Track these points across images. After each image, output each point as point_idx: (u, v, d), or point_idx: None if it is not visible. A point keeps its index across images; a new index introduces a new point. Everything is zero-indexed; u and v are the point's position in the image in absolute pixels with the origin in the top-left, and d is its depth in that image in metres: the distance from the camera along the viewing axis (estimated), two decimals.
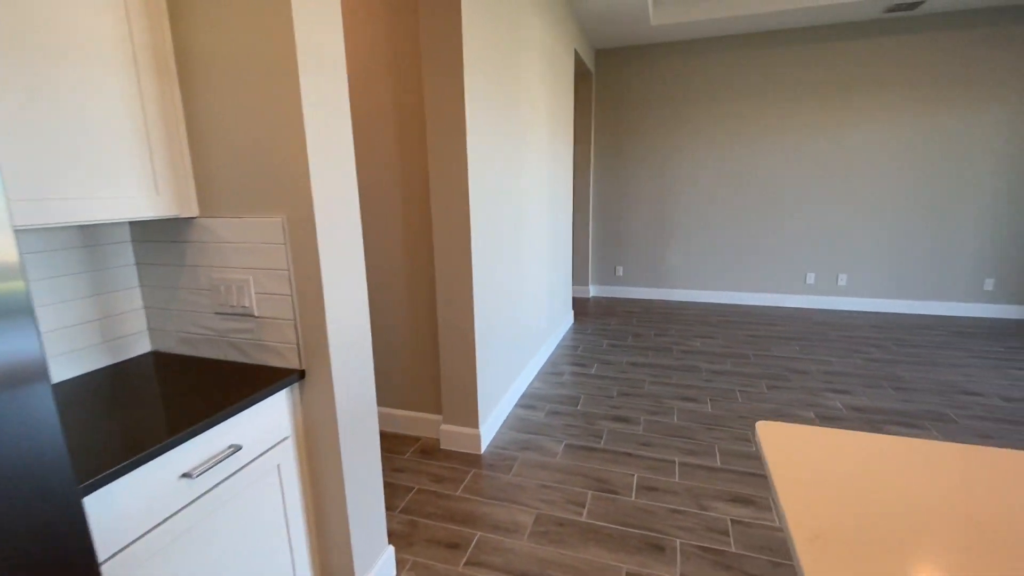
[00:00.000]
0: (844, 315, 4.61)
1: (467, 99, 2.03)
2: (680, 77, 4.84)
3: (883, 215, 4.57)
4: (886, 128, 4.43)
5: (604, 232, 5.40)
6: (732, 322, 4.45)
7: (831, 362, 3.45)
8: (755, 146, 4.77)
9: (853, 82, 4.42)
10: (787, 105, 4.61)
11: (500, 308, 2.56)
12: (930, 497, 0.83)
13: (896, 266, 4.63)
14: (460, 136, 2.05)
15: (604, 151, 5.22)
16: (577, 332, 4.22)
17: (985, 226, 4.37)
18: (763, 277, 5.00)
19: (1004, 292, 4.44)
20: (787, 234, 4.85)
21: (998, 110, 4.16)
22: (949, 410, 2.72)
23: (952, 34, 4.16)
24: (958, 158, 4.32)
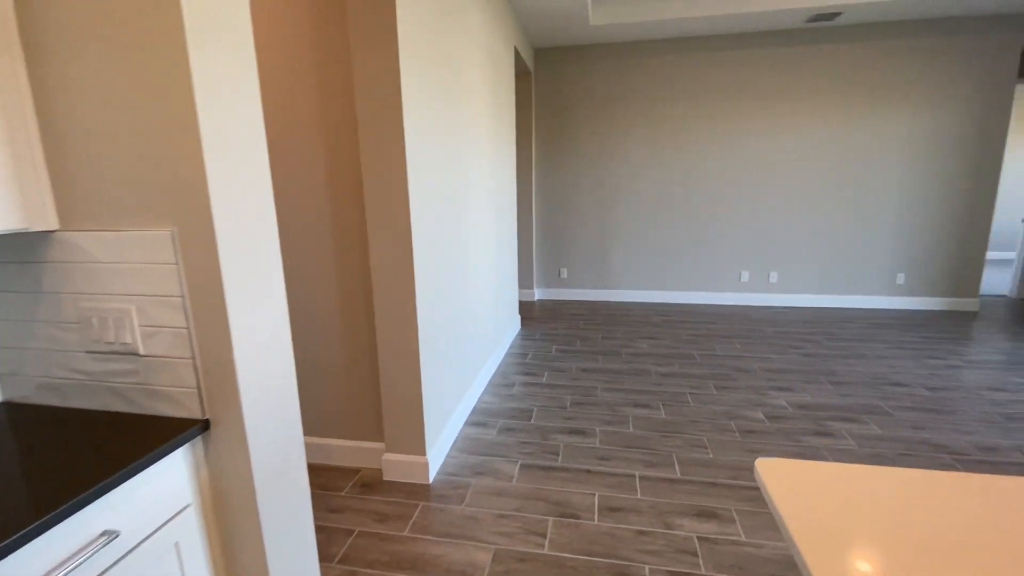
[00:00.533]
0: (777, 311, 4.81)
1: (404, 84, 1.82)
2: (619, 79, 4.85)
3: (809, 215, 4.81)
4: (810, 132, 4.66)
5: (548, 234, 5.31)
6: (675, 322, 4.50)
7: (771, 359, 3.54)
8: (692, 149, 4.86)
9: (780, 88, 4.61)
10: (720, 109, 4.73)
11: (446, 319, 2.36)
12: (952, 529, 0.74)
13: (821, 263, 4.89)
14: (396, 125, 1.84)
15: (546, 151, 5.14)
16: (525, 338, 4.08)
17: (896, 225, 4.70)
18: (701, 276, 5.12)
19: (913, 285, 4.80)
20: (723, 234, 4.99)
21: (907, 116, 4.49)
22: (882, 402, 2.84)
23: (867, 45, 4.43)
24: (872, 161, 4.63)
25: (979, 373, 3.23)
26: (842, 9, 3.99)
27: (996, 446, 2.36)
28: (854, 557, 0.71)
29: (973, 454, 2.30)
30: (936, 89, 4.40)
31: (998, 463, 2.22)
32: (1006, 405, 2.77)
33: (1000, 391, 2.96)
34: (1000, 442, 2.39)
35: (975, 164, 4.49)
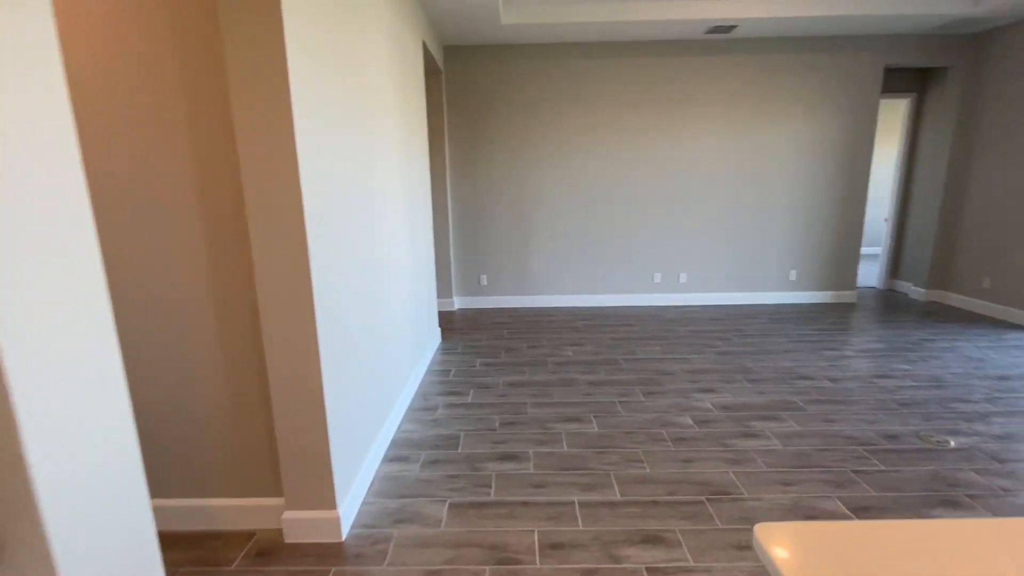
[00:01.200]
0: (688, 310, 4.98)
1: (291, 65, 1.50)
2: (533, 82, 4.75)
3: (712, 218, 5.05)
4: (711, 139, 4.89)
5: (466, 240, 5.09)
6: (596, 326, 4.48)
7: (690, 360, 3.60)
8: (605, 154, 4.90)
9: (685, 95, 4.78)
10: (629, 115, 4.81)
11: (355, 343, 2.05)
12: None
13: (724, 263, 5.15)
14: (283, 117, 1.52)
15: (460, 154, 4.91)
16: (446, 352, 3.82)
17: (787, 226, 5.08)
18: (619, 279, 5.18)
19: (804, 280, 5.22)
20: (637, 237, 5.08)
21: (794, 126, 4.86)
22: (795, 397, 2.96)
23: (760, 58, 4.73)
24: (765, 167, 4.96)
25: (868, 362, 3.51)
26: (737, 22, 4.20)
27: (897, 433, 2.52)
28: None
29: (880, 443, 2.43)
30: (817, 101, 4.81)
31: (902, 450, 2.36)
32: (896, 392, 3.01)
33: (888, 378, 3.23)
34: (899, 428, 2.56)
35: (849, 169, 4.97)
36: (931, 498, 2.00)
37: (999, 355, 3.60)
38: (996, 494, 2.02)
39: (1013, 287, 4.42)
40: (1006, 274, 4.49)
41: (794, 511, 1.94)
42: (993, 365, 3.41)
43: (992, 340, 3.93)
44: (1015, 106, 4.37)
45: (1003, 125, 4.48)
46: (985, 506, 1.95)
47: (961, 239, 4.93)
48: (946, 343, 3.88)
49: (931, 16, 4.12)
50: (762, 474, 2.18)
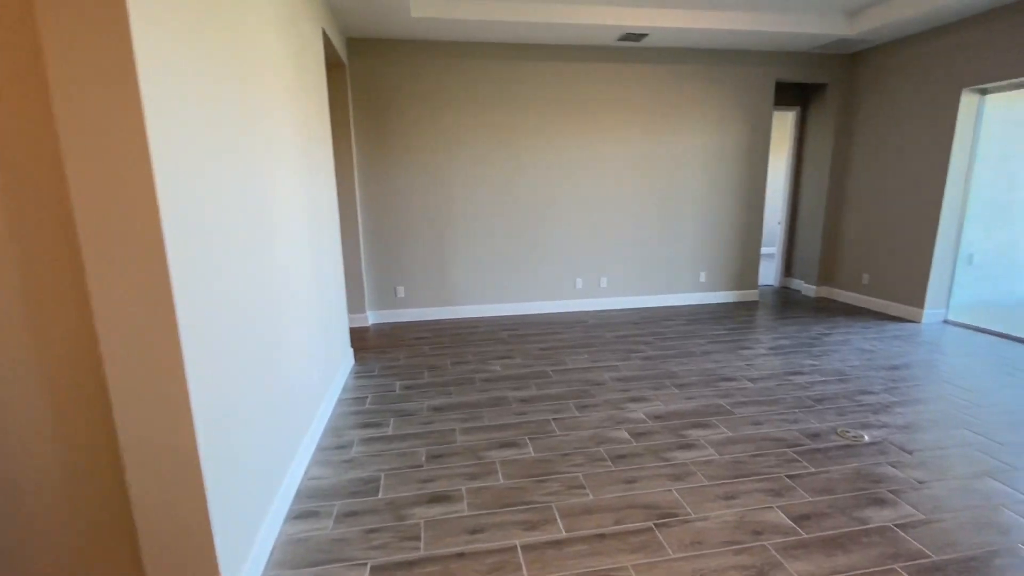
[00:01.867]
0: (610, 315, 4.99)
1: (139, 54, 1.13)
2: (449, 80, 4.50)
3: (629, 222, 5.12)
4: (627, 144, 4.95)
5: (379, 249, 4.69)
6: (523, 335, 4.31)
7: (618, 367, 3.55)
8: (523, 157, 4.77)
9: (600, 101, 4.79)
10: (547, 119, 4.73)
11: (246, 379, 1.67)
12: None
13: (641, 267, 5.25)
14: (129, 114, 1.14)
15: (370, 156, 4.52)
16: (361, 376, 3.44)
17: (697, 229, 5.29)
18: (541, 285, 5.07)
19: (712, 281, 5.46)
20: (559, 242, 5.01)
21: (700, 134, 5.06)
22: (721, 401, 2.98)
23: (668, 67, 4.87)
24: (676, 173, 5.12)
25: (779, 359, 3.68)
26: (647, 31, 4.27)
27: (817, 431, 2.60)
28: None
29: (805, 443, 2.48)
30: (720, 111, 5.06)
31: (825, 448, 2.42)
32: (809, 388, 3.15)
33: (799, 374, 3.39)
34: (819, 426, 2.65)
35: (748, 176, 5.28)
36: (861, 498, 2.04)
37: (885, 346, 3.95)
38: (914, 487, 2.11)
39: (888, 282, 4.93)
40: (882, 271, 4.99)
41: (741, 527, 1.87)
42: (882, 356, 3.72)
43: (876, 332, 4.32)
44: (883, 119, 4.88)
45: (874, 136, 4.99)
46: (907, 500, 2.01)
47: (843, 240, 5.44)
48: (840, 337, 4.19)
49: (814, 36, 4.47)
50: (704, 489, 2.11)
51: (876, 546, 1.77)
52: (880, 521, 1.89)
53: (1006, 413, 2.77)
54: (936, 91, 4.36)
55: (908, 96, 4.61)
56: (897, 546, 1.76)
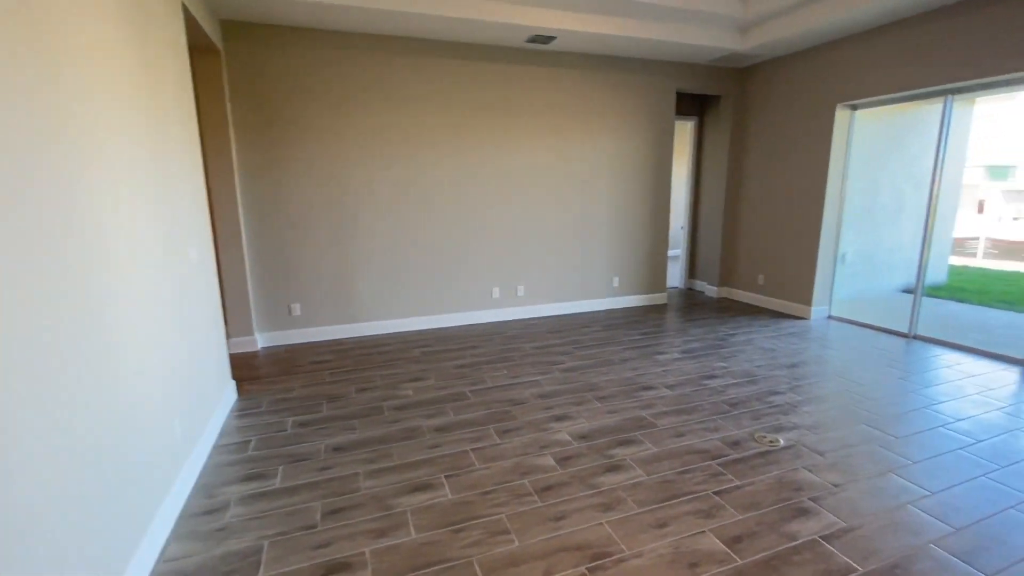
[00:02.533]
0: (528, 324, 4.84)
1: None
2: (352, 74, 4.07)
3: (543, 228, 5.01)
4: (540, 149, 4.83)
5: (268, 262, 4.13)
6: (437, 352, 4.00)
7: (540, 382, 3.37)
8: (434, 160, 4.46)
9: (511, 104, 4.62)
10: (461, 120, 4.47)
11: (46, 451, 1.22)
12: None
13: (556, 273, 5.16)
14: None
15: (255, 156, 3.96)
16: (245, 414, 2.93)
17: (609, 234, 5.32)
18: (457, 296, 4.79)
19: (625, 286, 5.53)
20: (474, 250, 4.77)
21: (610, 140, 5.09)
22: (643, 412, 2.91)
23: (580, 72, 4.82)
24: (588, 178, 5.10)
25: (692, 363, 3.72)
26: (555, 33, 4.17)
27: (737, 439, 2.59)
28: None
29: (727, 453, 2.45)
30: (628, 119, 5.12)
31: (746, 457, 2.40)
32: (723, 392, 3.19)
33: (712, 377, 3.43)
34: (737, 433, 2.65)
35: (655, 183, 5.41)
36: (785, 510, 2.01)
37: (783, 344, 4.17)
38: (831, 491, 2.12)
39: (780, 283, 5.28)
40: (774, 272, 5.34)
41: (677, 561, 1.73)
42: (783, 354, 3.91)
43: (774, 331, 4.57)
44: (771, 130, 5.23)
45: (764, 146, 5.34)
46: (827, 507, 2.02)
47: (740, 242, 5.76)
48: (744, 337, 4.38)
49: (711, 48, 4.66)
50: (636, 518, 1.96)
51: (808, 564, 1.72)
52: (807, 535, 1.86)
53: (893, 405, 2.97)
54: (815, 105, 4.73)
55: (792, 109, 4.97)
56: (827, 562, 1.72)
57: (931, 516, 1.95)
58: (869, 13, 3.82)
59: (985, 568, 1.68)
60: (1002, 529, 1.88)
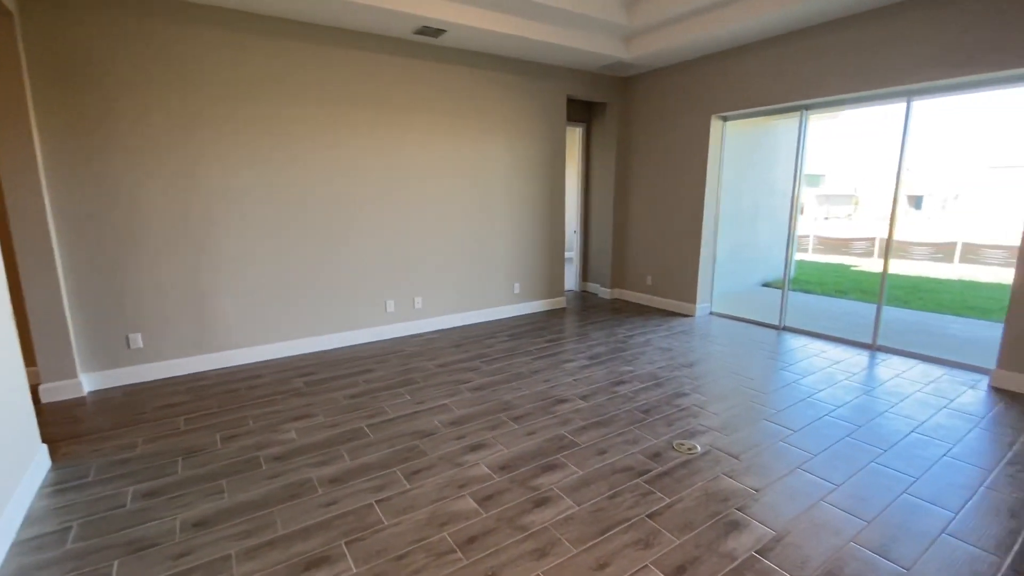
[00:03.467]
0: (428, 339, 4.48)
1: None
2: (200, 56, 3.37)
3: (442, 235, 4.68)
4: (434, 151, 4.50)
5: (93, 282, 3.27)
6: (325, 380, 3.48)
7: (448, 406, 3.06)
8: (313, 159, 3.90)
9: (399, 101, 4.23)
10: (341, 117, 3.97)
11: None
12: None
13: (457, 281, 4.87)
14: None
15: (70, 151, 3.09)
16: (61, 488, 2.21)
17: (509, 239, 5.16)
18: (344, 313, 4.26)
19: (525, 292, 5.42)
20: (363, 260, 4.28)
21: (506, 144, 4.92)
22: (562, 429, 2.74)
23: (475, 72, 4.57)
24: (486, 182, 4.88)
25: (601, 369, 3.68)
26: (445, 27, 3.89)
27: (658, 450, 2.53)
28: None
29: (651, 467, 2.37)
30: (522, 122, 5.00)
31: (670, 470, 2.34)
32: (635, 398, 3.16)
33: (622, 383, 3.40)
34: (657, 443, 2.59)
35: (550, 187, 5.37)
36: (718, 525, 1.95)
37: (678, 343, 4.34)
38: (753, 497, 2.12)
39: (667, 282, 5.55)
40: (661, 272, 5.60)
41: None
42: (680, 353, 4.04)
43: (667, 330, 4.75)
44: (654, 137, 5.47)
45: (648, 151, 5.57)
46: (755, 516, 2.00)
47: (629, 245, 5.97)
48: (642, 338, 4.48)
49: (599, 55, 4.72)
50: (574, 561, 1.76)
51: None
52: (744, 551, 1.80)
53: (782, 397, 3.16)
54: (692, 115, 5.02)
55: (672, 118, 5.23)
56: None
57: (843, 511, 2.03)
58: (738, 31, 4.11)
59: (902, 560, 1.75)
60: (904, 516, 2.00)
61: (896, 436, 2.65)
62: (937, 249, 11.69)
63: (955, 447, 2.53)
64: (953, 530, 1.90)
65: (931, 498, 2.11)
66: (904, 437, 2.63)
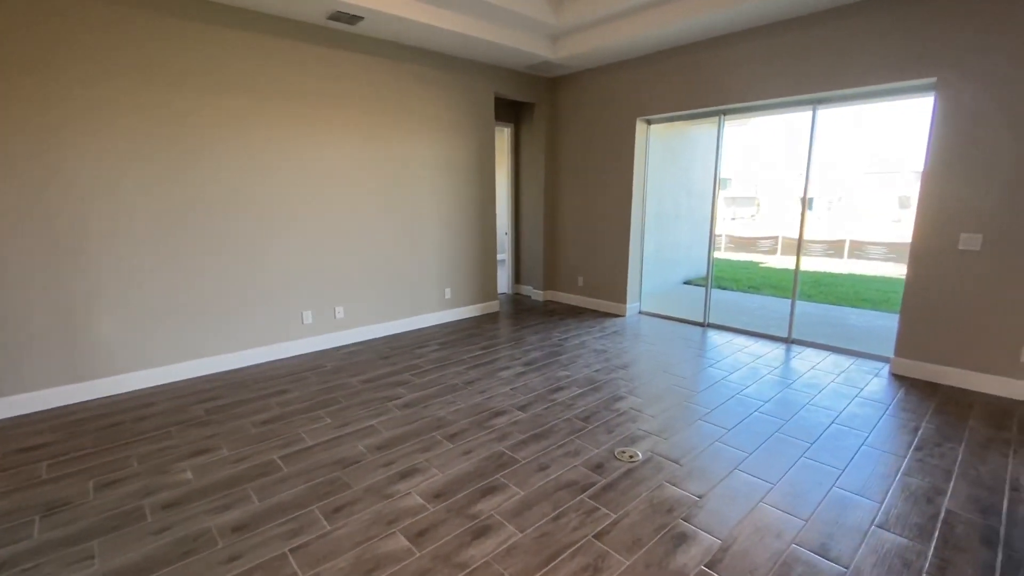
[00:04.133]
0: (352, 352, 4.15)
1: None
2: (72, 28, 2.82)
3: (365, 238, 4.36)
4: (353, 148, 4.16)
5: None
6: (230, 405, 3.07)
7: (375, 427, 2.79)
8: (216, 158, 3.44)
9: (315, 94, 3.86)
10: (247, 109, 3.54)
11: None
12: None
13: (384, 288, 4.56)
14: None
15: None
16: None
17: (439, 242, 4.92)
18: (254, 327, 3.82)
19: (457, 297, 5.21)
20: (275, 268, 3.86)
21: (435, 142, 4.68)
22: (500, 446, 2.58)
23: (398, 65, 4.28)
24: (413, 182, 4.61)
25: (537, 376, 3.57)
26: (362, 13, 3.60)
27: (599, 461, 2.44)
28: None
29: (594, 480, 2.27)
30: (450, 120, 4.78)
31: (613, 483, 2.25)
32: (573, 405, 3.07)
33: (560, 390, 3.31)
34: (598, 453, 2.50)
35: (480, 188, 5.20)
36: (665, 539, 1.87)
37: (611, 343, 4.33)
38: (697, 504, 2.08)
39: (598, 283, 5.58)
40: (592, 273, 5.62)
41: None
42: (614, 355, 4.03)
43: (600, 331, 4.75)
44: (582, 139, 5.48)
45: (576, 152, 5.57)
46: (700, 525, 1.95)
47: (560, 247, 5.95)
48: (576, 340, 4.44)
49: (525, 53, 4.62)
50: None
51: None
52: (694, 566, 1.73)
53: (714, 395, 3.21)
54: (619, 118, 5.07)
55: (599, 120, 5.26)
56: None
57: (782, 511, 2.03)
58: (658, 36, 4.17)
59: (841, 558, 1.76)
60: (836, 511, 2.04)
61: (819, 428, 2.75)
62: (830, 246, 12.92)
63: (870, 435, 2.67)
64: (881, 521, 1.96)
65: (858, 490, 2.18)
66: (826, 429, 2.74)
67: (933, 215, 3.34)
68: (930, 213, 3.35)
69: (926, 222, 3.37)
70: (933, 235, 3.35)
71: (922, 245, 3.40)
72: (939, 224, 3.32)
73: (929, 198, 3.35)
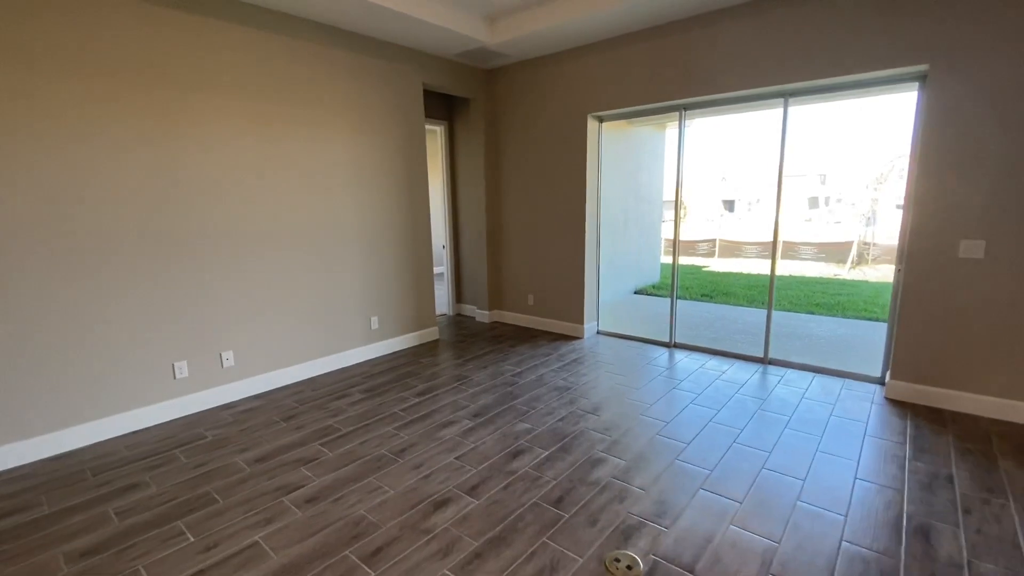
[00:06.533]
0: (245, 411, 3.19)
1: None
2: None
3: (262, 263, 3.41)
4: (248, 145, 3.22)
5: None
6: (34, 524, 2.07)
7: (258, 548, 1.92)
8: (45, 157, 2.40)
9: (187, 76, 2.89)
10: (90, 93, 2.52)
11: None
12: None
13: (289, 325, 3.63)
14: None
15: None
16: None
17: (362, 264, 4.05)
18: (99, 391, 2.78)
19: (387, 327, 4.34)
20: (133, 307, 2.84)
21: (351, 141, 3.80)
22: (447, 568, 1.80)
23: (300, 45, 3.37)
24: (326, 190, 3.72)
25: (490, 434, 2.81)
26: None
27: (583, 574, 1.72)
28: None
29: None
30: (370, 113, 3.93)
31: None
32: (539, 482, 2.34)
33: (520, 455, 2.57)
34: (582, 562, 1.79)
35: (410, 197, 4.38)
36: None
37: (573, 376, 3.67)
38: None
39: (551, 301, 4.92)
40: (543, 290, 4.96)
41: None
42: (578, 392, 3.37)
43: (558, 359, 4.08)
44: (526, 139, 4.80)
45: (521, 154, 4.89)
46: None
47: (505, 261, 5.24)
48: (532, 374, 3.74)
49: (456, 35, 3.88)
50: None
51: None
52: None
53: (710, 449, 2.61)
54: (568, 115, 4.45)
55: (546, 117, 4.61)
56: None
57: None
58: (609, 19, 3.58)
59: None
60: None
61: (843, 490, 2.20)
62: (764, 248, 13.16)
63: (906, 501, 2.15)
64: None
65: None
66: (852, 492, 2.20)
67: (927, 219, 2.95)
68: (923, 218, 2.96)
69: (920, 227, 2.98)
70: (928, 242, 2.96)
71: (917, 253, 3.01)
72: (935, 230, 2.94)
73: (922, 201, 2.95)
